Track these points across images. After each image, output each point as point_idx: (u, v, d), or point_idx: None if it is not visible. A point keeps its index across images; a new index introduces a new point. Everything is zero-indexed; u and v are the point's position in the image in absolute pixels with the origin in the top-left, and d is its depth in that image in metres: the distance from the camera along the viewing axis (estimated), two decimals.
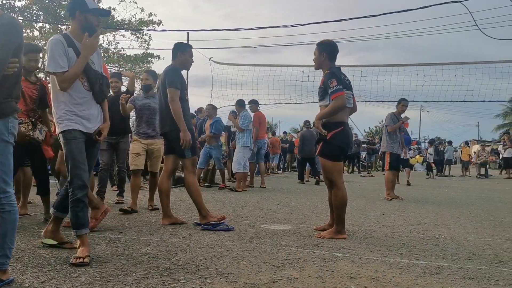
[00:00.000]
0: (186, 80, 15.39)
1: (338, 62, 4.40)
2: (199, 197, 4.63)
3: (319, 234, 4.20)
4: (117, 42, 23.84)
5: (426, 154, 19.88)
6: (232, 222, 4.86)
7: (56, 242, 3.46)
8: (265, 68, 15.88)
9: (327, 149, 4.18)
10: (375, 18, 19.03)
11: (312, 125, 11.50)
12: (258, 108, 10.27)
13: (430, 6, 12.43)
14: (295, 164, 18.61)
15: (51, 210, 3.63)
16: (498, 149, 20.02)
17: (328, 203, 4.54)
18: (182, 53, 4.71)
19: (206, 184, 9.99)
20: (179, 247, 3.58)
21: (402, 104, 8.28)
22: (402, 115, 8.34)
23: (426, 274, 2.95)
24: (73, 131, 3.15)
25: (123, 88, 6.82)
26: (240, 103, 9.74)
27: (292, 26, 15.13)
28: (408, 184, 12.32)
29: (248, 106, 10.07)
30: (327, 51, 4.29)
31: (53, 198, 4.36)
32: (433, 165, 19.01)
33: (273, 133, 22.57)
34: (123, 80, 6.74)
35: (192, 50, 4.87)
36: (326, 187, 4.49)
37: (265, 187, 9.94)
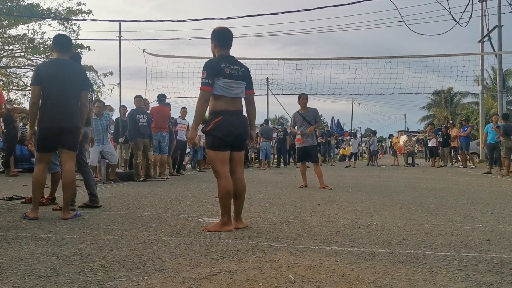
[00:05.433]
0: (119, 72, 15.15)
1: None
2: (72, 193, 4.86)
3: (205, 227, 4.09)
4: (43, 32, 22.71)
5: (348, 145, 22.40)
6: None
7: None
8: (201, 60, 15.65)
9: (207, 140, 4.17)
10: (308, 12, 19.37)
11: None
12: (163, 102, 11.49)
13: (360, 1, 12.89)
14: None
15: None
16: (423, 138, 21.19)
17: None
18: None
19: (142, 178, 9.78)
20: (114, 244, 3.46)
21: (302, 98, 8.74)
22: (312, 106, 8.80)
23: (360, 260, 3.06)
24: None
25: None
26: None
27: (227, 18, 15.18)
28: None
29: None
30: (214, 38, 4.20)
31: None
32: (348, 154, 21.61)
33: None
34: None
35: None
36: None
37: (165, 179, 10.50)
